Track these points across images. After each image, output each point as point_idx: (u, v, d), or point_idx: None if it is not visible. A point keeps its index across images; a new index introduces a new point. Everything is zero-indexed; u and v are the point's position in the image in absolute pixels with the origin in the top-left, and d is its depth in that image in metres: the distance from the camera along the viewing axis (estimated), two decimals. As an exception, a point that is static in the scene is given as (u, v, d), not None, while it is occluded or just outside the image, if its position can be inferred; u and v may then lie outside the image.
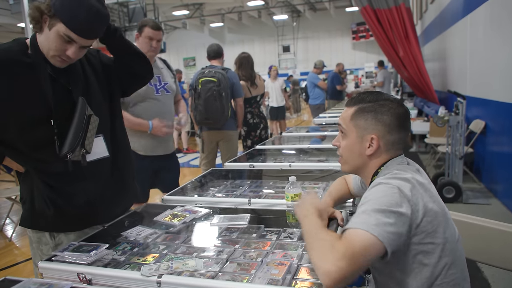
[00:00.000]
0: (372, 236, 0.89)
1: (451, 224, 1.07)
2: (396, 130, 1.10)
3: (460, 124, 3.82)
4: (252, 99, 4.05)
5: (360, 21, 17.55)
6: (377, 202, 0.96)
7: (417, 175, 1.05)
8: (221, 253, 1.18)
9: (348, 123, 1.15)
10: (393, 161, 1.12)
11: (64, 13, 1.20)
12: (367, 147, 1.12)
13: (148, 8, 11.79)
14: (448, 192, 3.89)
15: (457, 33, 5.60)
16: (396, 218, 0.93)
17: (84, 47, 1.29)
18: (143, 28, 2.38)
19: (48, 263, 1.11)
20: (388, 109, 1.10)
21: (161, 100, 2.46)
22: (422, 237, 0.98)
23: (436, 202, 1.02)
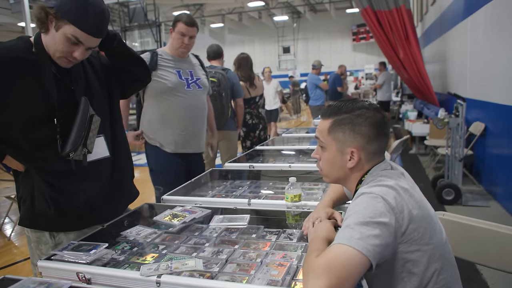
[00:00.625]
0: (355, 251, 0.87)
1: (438, 227, 1.06)
2: (375, 139, 1.09)
3: (460, 126, 3.83)
4: (251, 100, 4.05)
5: (361, 22, 17.59)
6: (360, 215, 0.94)
7: (401, 181, 1.04)
8: (220, 254, 1.18)
9: (326, 136, 1.12)
10: (376, 167, 1.11)
11: (72, 14, 1.21)
12: (348, 160, 1.10)
13: (148, 8, 11.82)
14: (448, 194, 3.89)
15: (457, 35, 5.61)
16: (381, 229, 0.92)
17: (89, 48, 1.30)
18: (177, 23, 2.34)
19: (47, 262, 1.11)
20: (365, 118, 1.08)
21: (193, 95, 2.41)
22: (409, 245, 0.97)
23: (421, 207, 1.01)
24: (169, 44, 2.43)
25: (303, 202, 1.49)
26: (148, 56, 2.35)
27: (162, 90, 2.33)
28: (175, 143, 2.41)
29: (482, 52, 4.37)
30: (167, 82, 2.33)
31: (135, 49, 9.89)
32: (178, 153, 2.43)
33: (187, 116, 2.40)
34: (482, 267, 2.45)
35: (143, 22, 11.36)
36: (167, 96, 2.35)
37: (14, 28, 17.11)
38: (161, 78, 2.33)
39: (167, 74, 2.35)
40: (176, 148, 2.41)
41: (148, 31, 11.45)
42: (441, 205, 3.85)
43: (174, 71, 2.37)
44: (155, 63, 2.33)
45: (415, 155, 6.43)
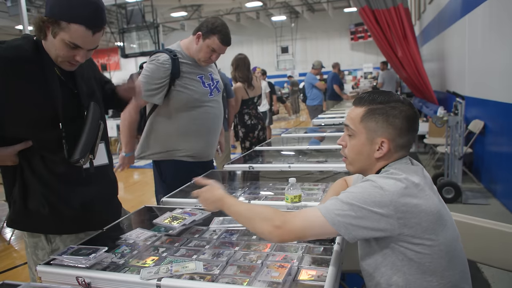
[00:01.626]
0: (324, 219, 0.99)
1: (450, 224, 1.06)
2: (406, 133, 1.09)
3: (459, 124, 3.83)
4: (249, 101, 4.04)
5: (359, 21, 17.60)
6: (351, 195, 1.00)
7: (414, 176, 1.04)
8: (221, 256, 1.17)
9: (357, 124, 1.12)
10: (396, 162, 1.11)
11: (68, 13, 1.19)
12: (376, 150, 1.10)
13: (146, 10, 11.80)
14: (448, 192, 3.89)
15: (455, 34, 5.61)
16: (365, 213, 0.97)
17: (90, 50, 1.29)
18: (211, 36, 2.03)
19: (46, 267, 1.10)
20: (400, 111, 1.08)
21: (215, 103, 2.19)
22: (411, 237, 0.99)
23: (429, 202, 1.01)
24: (190, 45, 2.11)
25: (303, 203, 1.48)
26: (169, 61, 2.02)
27: (187, 101, 2.07)
28: (196, 153, 2.20)
29: (480, 50, 4.37)
30: (192, 93, 2.08)
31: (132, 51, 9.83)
32: (198, 162, 2.23)
33: (210, 126, 2.21)
34: (483, 265, 2.45)
35: (141, 23, 11.33)
36: (191, 108, 2.10)
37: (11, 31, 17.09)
38: (185, 88, 2.07)
39: (191, 83, 2.08)
40: (195, 158, 2.20)
41: (146, 33, 11.42)
42: (441, 204, 3.85)
43: (197, 77, 2.11)
44: (177, 69, 2.03)
45: (414, 153, 6.43)
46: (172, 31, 20.73)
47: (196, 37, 2.07)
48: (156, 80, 2.01)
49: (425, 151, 6.34)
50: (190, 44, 2.12)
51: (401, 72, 6.86)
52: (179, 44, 2.16)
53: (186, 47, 2.13)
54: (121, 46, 11.48)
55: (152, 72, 2.02)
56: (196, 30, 2.09)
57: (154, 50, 2.19)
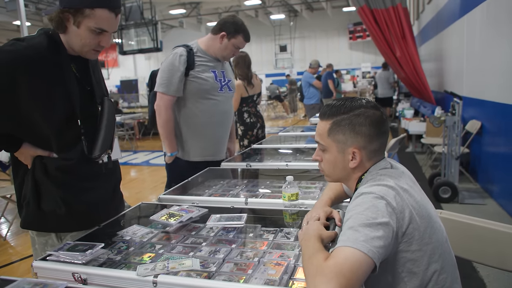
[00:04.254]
0: (361, 253, 0.88)
1: (438, 226, 1.05)
2: (376, 138, 1.09)
3: (456, 124, 3.84)
4: (249, 98, 4.03)
5: (357, 21, 17.60)
6: (363, 216, 0.94)
7: (401, 180, 1.04)
8: (217, 253, 1.17)
9: (325, 138, 1.11)
10: (375, 166, 1.10)
11: (87, 1, 1.21)
12: (350, 160, 1.10)
13: (145, 7, 11.75)
14: (444, 192, 3.90)
15: (454, 34, 5.62)
16: (384, 229, 0.92)
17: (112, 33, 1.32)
18: (237, 36, 2.20)
19: (42, 263, 1.10)
20: (365, 118, 1.07)
21: (224, 98, 2.29)
22: (409, 244, 0.98)
23: (421, 206, 1.01)
24: (209, 44, 2.25)
25: (300, 201, 1.49)
26: (184, 53, 2.16)
27: (197, 92, 2.18)
28: (203, 151, 2.26)
29: (478, 50, 4.38)
30: (204, 83, 2.19)
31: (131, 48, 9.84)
32: (202, 161, 2.27)
33: (218, 121, 2.27)
34: (478, 265, 2.46)
35: (139, 20, 11.29)
36: (200, 99, 2.20)
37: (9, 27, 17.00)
38: (198, 78, 2.18)
39: (204, 74, 2.20)
40: (203, 156, 2.26)
41: (144, 30, 11.38)
42: (438, 203, 3.86)
43: (210, 71, 2.24)
44: (192, 61, 2.17)
45: (411, 153, 6.45)
46: (171, 28, 20.68)
47: (219, 37, 2.21)
48: (176, 73, 2.15)
49: (422, 151, 6.35)
50: (208, 42, 2.26)
51: (399, 72, 6.87)
52: (197, 41, 2.29)
53: (204, 44, 2.26)
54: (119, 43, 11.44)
55: (171, 65, 2.16)
56: (218, 30, 2.22)
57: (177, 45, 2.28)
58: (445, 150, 4.09)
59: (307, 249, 0.98)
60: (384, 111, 1.13)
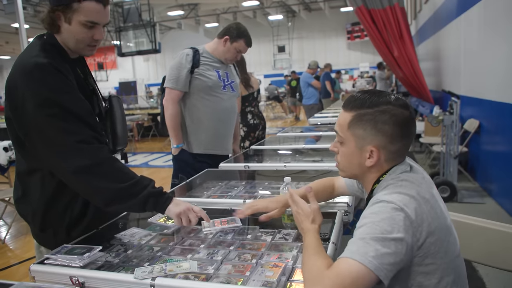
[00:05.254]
0: (367, 270, 0.84)
1: (454, 238, 1.01)
2: (399, 139, 1.01)
3: (454, 123, 3.85)
4: (250, 96, 3.99)
5: (355, 21, 17.62)
6: (377, 228, 0.89)
7: (423, 188, 0.98)
8: (215, 255, 1.17)
9: (345, 131, 1.05)
10: (396, 168, 1.04)
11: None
12: (367, 158, 1.03)
13: (143, 8, 11.77)
14: (443, 191, 3.91)
15: (451, 33, 5.63)
16: (397, 246, 0.87)
17: (104, 25, 1.33)
18: (239, 40, 2.38)
19: (40, 266, 1.10)
20: (390, 116, 0.99)
21: (226, 97, 2.44)
22: (423, 258, 0.92)
23: (440, 217, 0.95)
24: (214, 47, 2.44)
25: (298, 202, 1.48)
26: (190, 53, 2.36)
27: (201, 88, 2.36)
28: (205, 144, 2.43)
29: (475, 49, 4.39)
30: (207, 81, 2.36)
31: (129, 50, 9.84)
32: (205, 153, 2.45)
33: (220, 117, 2.43)
34: (478, 264, 2.46)
35: (137, 22, 11.31)
36: (204, 95, 2.37)
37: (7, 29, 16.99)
38: (202, 75, 2.36)
39: (208, 72, 2.38)
40: (205, 149, 2.44)
41: (142, 31, 11.40)
42: (437, 203, 3.86)
43: (214, 70, 2.41)
44: (198, 60, 2.36)
45: (410, 152, 6.45)
46: (169, 30, 20.68)
47: (223, 40, 2.40)
48: (183, 69, 2.33)
49: (421, 150, 6.36)
50: (214, 45, 2.45)
51: (397, 71, 6.88)
52: (204, 45, 2.49)
53: (209, 47, 2.45)
54: (117, 45, 11.44)
55: (179, 63, 2.35)
56: (222, 34, 2.42)
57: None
58: (443, 149, 4.10)
59: (310, 242, 0.99)
60: (413, 111, 1.06)
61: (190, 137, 2.44)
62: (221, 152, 2.51)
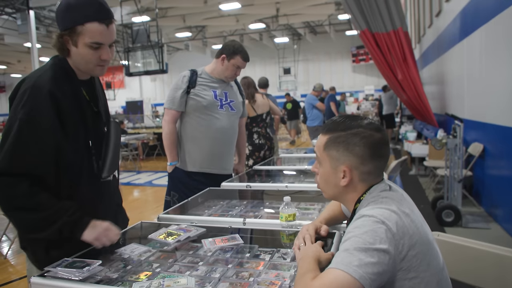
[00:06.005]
0: (352, 278, 0.87)
1: (436, 253, 1.03)
2: (370, 160, 1.07)
3: (458, 147, 3.84)
4: (258, 118, 4.08)
5: (360, 44, 17.84)
6: (360, 240, 0.93)
7: (403, 204, 1.02)
8: (214, 272, 1.17)
9: (321, 152, 1.12)
10: (375, 187, 1.08)
11: (76, 17, 1.28)
12: (341, 178, 1.09)
13: (151, 30, 12.02)
14: (447, 215, 3.87)
15: (454, 57, 5.69)
16: (380, 256, 0.91)
17: (111, 45, 1.36)
18: (235, 56, 2.43)
19: (40, 279, 1.11)
20: (360, 138, 1.06)
21: (224, 116, 2.47)
22: (407, 272, 0.95)
23: (421, 232, 0.99)
24: (213, 67, 2.50)
25: (297, 222, 1.49)
26: (188, 74, 2.46)
27: (196, 108, 2.41)
28: (200, 162, 2.46)
29: (478, 73, 4.43)
30: (202, 100, 2.41)
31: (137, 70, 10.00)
32: (201, 172, 2.47)
33: (215, 136, 2.45)
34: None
35: (146, 43, 11.53)
36: (200, 114, 2.42)
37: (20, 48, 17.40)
38: (197, 96, 2.42)
39: (203, 93, 2.43)
40: (200, 168, 2.46)
41: (150, 52, 11.60)
42: (441, 227, 3.82)
43: (211, 90, 2.46)
44: (194, 81, 2.44)
45: (414, 176, 6.42)
46: (177, 51, 21.06)
47: (220, 60, 2.46)
48: (179, 90, 2.42)
49: (425, 174, 6.33)
50: (213, 66, 2.51)
51: (401, 94, 6.93)
52: (203, 67, 2.55)
53: (208, 68, 2.52)
54: (126, 65, 11.64)
55: (176, 84, 2.46)
56: (219, 53, 2.47)
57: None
58: (447, 173, 4.08)
59: (301, 269, 0.98)
60: (385, 134, 1.11)
61: (186, 156, 2.48)
62: (217, 171, 2.50)
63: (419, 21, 9.23)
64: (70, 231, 1.28)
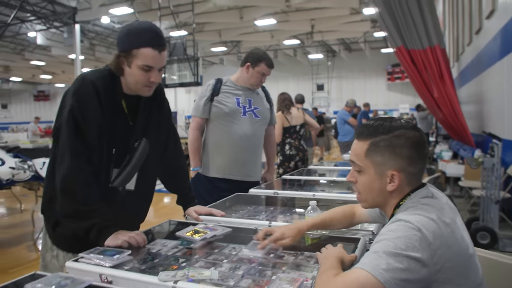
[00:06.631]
0: (377, 281, 0.85)
1: (475, 266, 0.99)
2: (417, 161, 1.04)
3: (495, 166, 3.70)
4: (291, 129, 4.41)
5: (396, 62, 17.62)
6: (391, 243, 0.90)
7: (444, 213, 0.98)
8: (237, 270, 1.20)
9: (363, 160, 1.07)
10: (417, 193, 1.05)
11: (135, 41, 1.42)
12: (388, 183, 1.05)
13: (188, 44, 12.42)
14: (483, 238, 3.71)
15: (494, 75, 5.52)
16: (410, 263, 0.88)
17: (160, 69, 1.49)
18: (259, 64, 2.47)
19: (74, 263, 1.18)
20: (406, 139, 1.03)
21: (247, 123, 2.49)
22: (443, 284, 0.91)
23: (461, 244, 0.95)
24: (239, 75, 2.56)
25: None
26: (213, 82, 2.54)
27: (219, 115, 2.47)
28: (223, 168, 2.50)
29: (519, 92, 4.27)
30: (224, 108, 2.47)
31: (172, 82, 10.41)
32: (223, 178, 2.50)
33: (238, 143, 2.47)
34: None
35: (182, 56, 11.92)
36: (222, 121, 2.47)
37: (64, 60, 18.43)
38: (220, 103, 2.48)
39: (226, 100, 2.49)
40: (223, 174, 2.50)
41: (186, 65, 11.98)
42: (476, 249, 3.66)
43: (234, 98, 2.50)
44: (218, 89, 2.51)
45: (449, 196, 6.18)
46: (212, 65, 21.58)
47: (245, 68, 2.51)
48: (203, 98, 2.51)
49: (461, 195, 6.10)
50: (238, 74, 2.57)
51: (437, 113, 6.76)
52: (229, 76, 2.62)
53: (234, 76, 2.59)
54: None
55: (201, 92, 2.56)
56: (244, 62, 2.53)
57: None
58: (483, 194, 3.93)
59: (323, 266, 0.99)
60: (423, 132, 1.08)
61: (209, 162, 2.53)
62: (240, 178, 2.52)
63: (458, 39, 9.02)
64: (98, 234, 1.36)
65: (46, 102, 28.91)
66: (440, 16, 10.17)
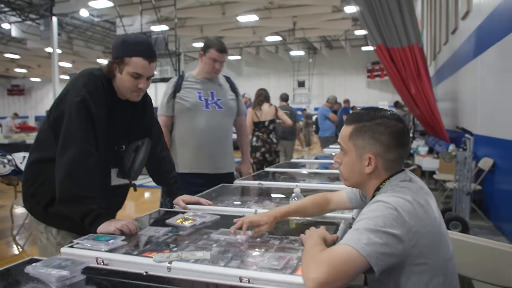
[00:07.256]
0: (359, 254, 0.94)
1: (446, 244, 1.10)
2: (394, 149, 1.14)
3: (467, 160, 3.88)
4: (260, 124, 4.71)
5: (376, 60, 17.94)
6: (371, 222, 1.00)
7: (419, 195, 1.08)
8: (227, 253, 1.27)
9: (347, 142, 1.19)
10: (396, 177, 1.15)
11: (126, 50, 1.54)
12: (366, 166, 1.16)
13: (170, 39, 12.32)
14: (455, 227, 3.88)
15: (468, 74, 5.74)
16: (388, 239, 0.97)
17: (148, 78, 1.60)
18: (209, 50, 2.44)
19: (70, 249, 1.23)
20: (385, 128, 1.13)
21: (210, 115, 2.49)
22: (417, 258, 1.02)
23: (434, 223, 1.06)
24: (198, 68, 2.56)
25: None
26: (175, 79, 2.57)
27: (182, 111, 2.49)
28: (191, 163, 2.50)
29: (491, 89, 4.47)
30: (185, 103, 2.48)
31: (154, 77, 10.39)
32: (192, 173, 2.50)
33: (200, 136, 2.47)
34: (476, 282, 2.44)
35: (163, 51, 11.83)
36: (185, 117, 2.49)
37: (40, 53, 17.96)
38: (181, 99, 2.50)
39: (187, 95, 2.50)
40: (191, 168, 2.50)
41: (167, 60, 11.91)
42: (449, 238, 3.83)
43: (195, 92, 2.50)
44: (179, 85, 2.52)
45: (425, 190, 6.41)
46: (193, 60, 21.43)
47: (200, 57, 2.54)
48: (166, 96, 2.55)
49: (435, 188, 6.33)
50: (197, 67, 2.59)
51: (414, 109, 6.97)
52: (191, 71, 2.64)
53: (195, 71, 2.61)
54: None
55: (165, 90, 2.58)
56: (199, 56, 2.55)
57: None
58: (456, 186, 4.11)
59: (308, 244, 1.08)
60: (406, 124, 1.19)
61: (177, 158, 2.54)
62: (209, 171, 2.51)
63: (435, 38, 9.28)
64: (92, 220, 1.43)
65: (21, 97, 28.07)
66: (418, 16, 10.43)
